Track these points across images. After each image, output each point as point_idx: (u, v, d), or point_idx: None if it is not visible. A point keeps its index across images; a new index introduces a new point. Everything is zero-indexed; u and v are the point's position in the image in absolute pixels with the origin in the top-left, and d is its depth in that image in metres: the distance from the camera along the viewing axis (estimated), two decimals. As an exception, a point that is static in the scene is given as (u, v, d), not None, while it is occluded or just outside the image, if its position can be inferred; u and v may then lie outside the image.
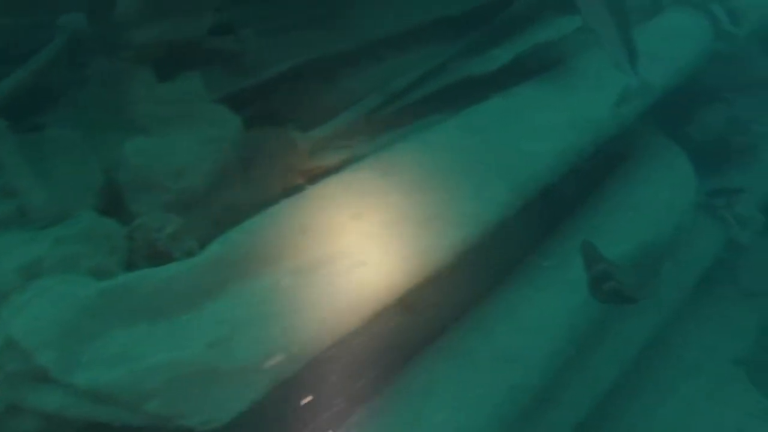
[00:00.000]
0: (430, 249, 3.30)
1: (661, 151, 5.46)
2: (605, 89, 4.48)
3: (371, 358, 3.45)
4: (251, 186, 3.65)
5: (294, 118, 3.88)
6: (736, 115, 6.69)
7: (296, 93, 3.92)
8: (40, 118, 3.50)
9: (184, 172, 3.24)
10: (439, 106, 4.28)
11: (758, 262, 6.84)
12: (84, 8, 3.34)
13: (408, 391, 3.64)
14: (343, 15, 4.16)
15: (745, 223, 6.30)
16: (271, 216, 3.19)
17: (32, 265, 2.77)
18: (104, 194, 3.32)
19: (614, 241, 4.68)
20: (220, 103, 3.51)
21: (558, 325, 4.05)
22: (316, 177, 3.64)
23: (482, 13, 4.81)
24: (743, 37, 5.67)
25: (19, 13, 3.43)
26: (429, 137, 3.74)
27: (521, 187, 3.78)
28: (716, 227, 6.25)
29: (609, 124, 4.35)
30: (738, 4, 5.66)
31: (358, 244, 3.22)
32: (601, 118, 4.28)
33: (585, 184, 4.92)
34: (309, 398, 3.37)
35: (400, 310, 3.38)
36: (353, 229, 3.23)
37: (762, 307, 6.60)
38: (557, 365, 4.04)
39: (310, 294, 3.04)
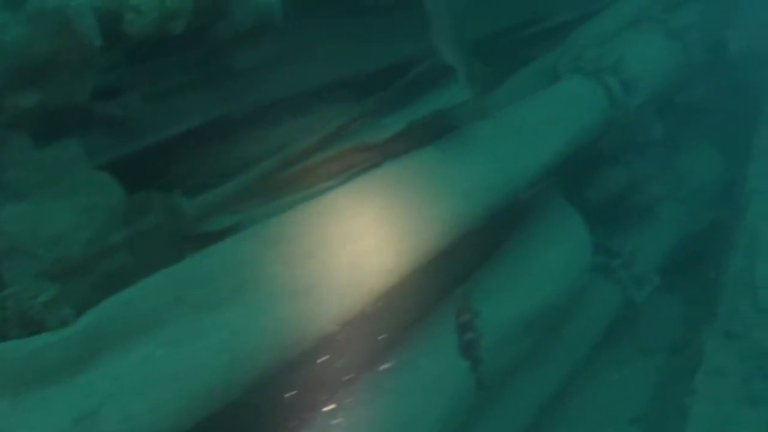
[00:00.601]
0: (308, 320, 3.27)
1: (558, 214, 5.55)
2: (499, 157, 4.55)
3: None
4: (135, 253, 3.58)
5: (183, 183, 3.82)
6: (635, 177, 6.87)
7: (186, 157, 3.88)
8: None
9: (59, 240, 3.16)
10: (336, 171, 4.26)
11: (655, 320, 6.99)
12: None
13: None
14: (240, 77, 4.13)
15: (642, 282, 6.43)
16: (147, 286, 3.12)
17: None
18: (-24, 262, 3.21)
19: (509, 305, 4.72)
20: (103, 168, 3.43)
21: (448, 390, 4.04)
22: (203, 244, 3.58)
23: (381, 78, 4.85)
24: (636, 105, 5.82)
25: None
26: (318, 205, 3.72)
27: (409, 255, 3.79)
28: (614, 287, 6.34)
29: (502, 190, 4.39)
30: (630, 75, 5.84)
31: (235, 316, 3.16)
32: (494, 184, 4.33)
33: (482, 248, 4.95)
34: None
35: (278, 383, 3.32)
36: (231, 301, 3.17)
37: (659, 364, 6.72)
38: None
39: (183, 367, 2.98)
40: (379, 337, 4.09)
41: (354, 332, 3.65)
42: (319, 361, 3.56)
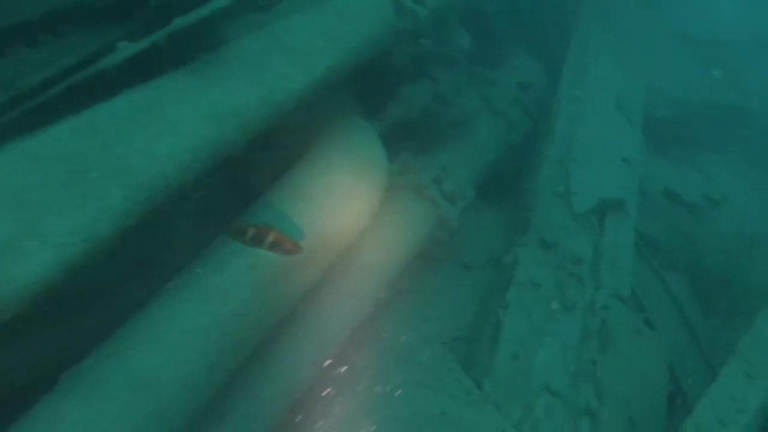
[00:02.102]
0: (16, 277, 2.81)
1: (353, 133, 5.20)
2: (259, 76, 4.15)
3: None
4: None
5: None
6: (442, 91, 6.60)
7: None
8: None
9: None
10: (71, 105, 3.75)
11: (475, 235, 6.84)
12: None
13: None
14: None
15: (455, 198, 6.21)
16: None
17: None
18: None
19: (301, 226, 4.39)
20: None
21: (206, 338, 3.67)
22: None
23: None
24: (426, 14, 5.50)
25: None
26: (33, 144, 3.22)
27: (143, 192, 3.37)
28: (427, 205, 6.09)
29: (261, 112, 3.99)
30: (419, -18, 5.50)
31: None
32: (250, 106, 3.92)
33: (257, 179, 4.57)
34: None
35: None
36: None
37: (479, 279, 6.58)
38: (211, 381, 3.67)
39: None
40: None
41: (87, 284, 3.21)
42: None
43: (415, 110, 6.41)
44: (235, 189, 4.90)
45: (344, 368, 5.24)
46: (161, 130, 3.62)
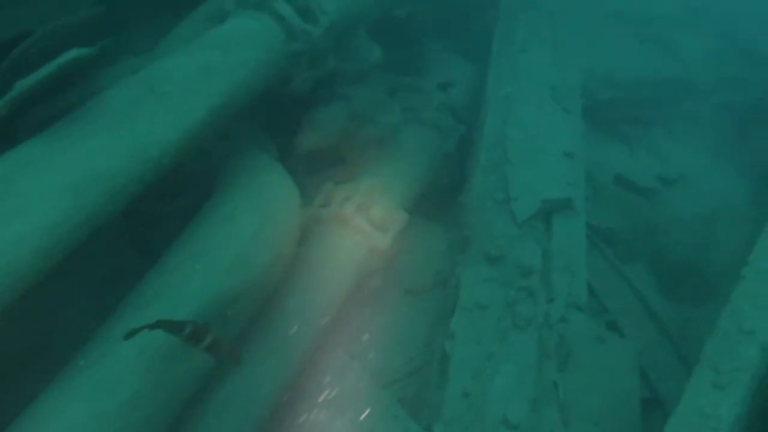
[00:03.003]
0: None
1: (258, 172, 4.83)
2: (128, 130, 3.77)
3: None
4: None
5: None
6: (358, 110, 6.24)
7: None
8: None
9: None
10: None
11: (417, 258, 6.49)
12: None
13: None
14: None
15: (385, 225, 5.86)
16: None
17: None
18: None
19: (182, 302, 3.98)
20: None
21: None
22: None
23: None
24: (321, 32, 5.15)
25: None
26: None
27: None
28: (355, 238, 5.72)
29: (132, 171, 3.60)
30: (308, 1, 5.12)
31: None
32: (117, 167, 3.54)
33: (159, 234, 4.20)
34: None
35: None
36: None
37: (427, 305, 6.23)
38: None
39: None
40: None
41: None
42: None
43: (331, 135, 6.05)
44: (135, 247, 4.52)
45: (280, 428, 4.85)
46: (9, 212, 3.23)
